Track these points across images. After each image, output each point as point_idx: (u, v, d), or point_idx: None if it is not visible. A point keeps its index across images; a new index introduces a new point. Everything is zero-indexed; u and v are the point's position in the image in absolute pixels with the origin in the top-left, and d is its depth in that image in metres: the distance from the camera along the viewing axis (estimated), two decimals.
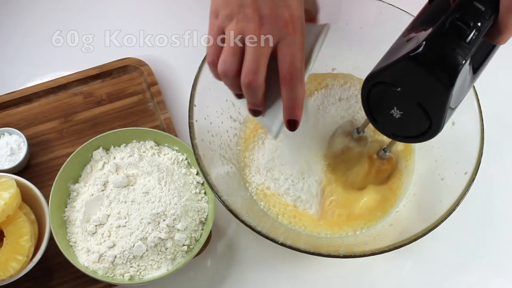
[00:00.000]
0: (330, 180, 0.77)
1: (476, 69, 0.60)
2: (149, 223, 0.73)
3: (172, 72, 0.91)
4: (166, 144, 0.80)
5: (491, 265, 0.80)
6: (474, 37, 0.54)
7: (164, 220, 0.73)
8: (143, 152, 0.79)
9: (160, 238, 0.72)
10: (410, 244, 0.66)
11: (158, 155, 0.79)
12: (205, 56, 0.74)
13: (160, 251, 0.73)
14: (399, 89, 0.59)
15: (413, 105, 0.59)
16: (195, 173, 0.79)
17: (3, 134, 0.82)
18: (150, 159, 0.78)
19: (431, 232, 0.66)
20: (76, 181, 0.78)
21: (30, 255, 0.72)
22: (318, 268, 0.79)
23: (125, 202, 0.74)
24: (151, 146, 0.80)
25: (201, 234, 0.75)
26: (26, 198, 0.75)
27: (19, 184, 0.74)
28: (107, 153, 0.79)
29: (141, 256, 0.72)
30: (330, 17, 0.80)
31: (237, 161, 0.79)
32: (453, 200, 0.68)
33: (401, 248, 0.65)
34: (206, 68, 0.74)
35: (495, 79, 0.90)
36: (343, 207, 0.76)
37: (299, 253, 0.65)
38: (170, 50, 0.93)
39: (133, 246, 0.72)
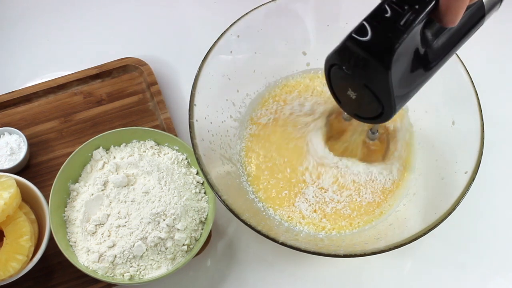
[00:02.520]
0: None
1: (437, 57, 0.58)
2: (149, 222, 0.72)
3: (172, 71, 0.91)
4: (166, 144, 0.80)
5: (491, 265, 0.79)
6: (410, 20, 0.52)
7: (164, 220, 0.73)
8: (143, 151, 0.79)
9: (160, 237, 0.72)
10: (410, 244, 0.66)
11: (158, 154, 0.79)
12: (205, 56, 0.74)
13: (160, 250, 0.73)
14: (347, 70, 0.57)
15: (362, 87, 0.57)
16: (195, 172, 0.79)
17: (3, 134, 0.81)
18: (150, 158, 0.78)
19: (431, 232, 0.66)
20: (76, 180, 0.78)
21: (30, 255, 0.72)
22: (319, 267, 0.79)
23: (125, 201, 0.74)
24: (151, 146, 0.80)
25: (201, 234, 0.75)
26: (26, 198, 0.75)
27: (19, 184, 0.74)
28: (107, 153, 0.79)
29: (141, 256, 0.72)
30: (330, 17, 0.80)
31: (237, 160, 0.79)
32: (453, 199, 0.68)
33: (401, 248, 0.65)
34: (206, 68, 0.74)
35: (495, 78, 0.91)
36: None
37: (299, 252, 0.65)
38: (170, 49, 0.93)
39: (133, 245, 0.72)
